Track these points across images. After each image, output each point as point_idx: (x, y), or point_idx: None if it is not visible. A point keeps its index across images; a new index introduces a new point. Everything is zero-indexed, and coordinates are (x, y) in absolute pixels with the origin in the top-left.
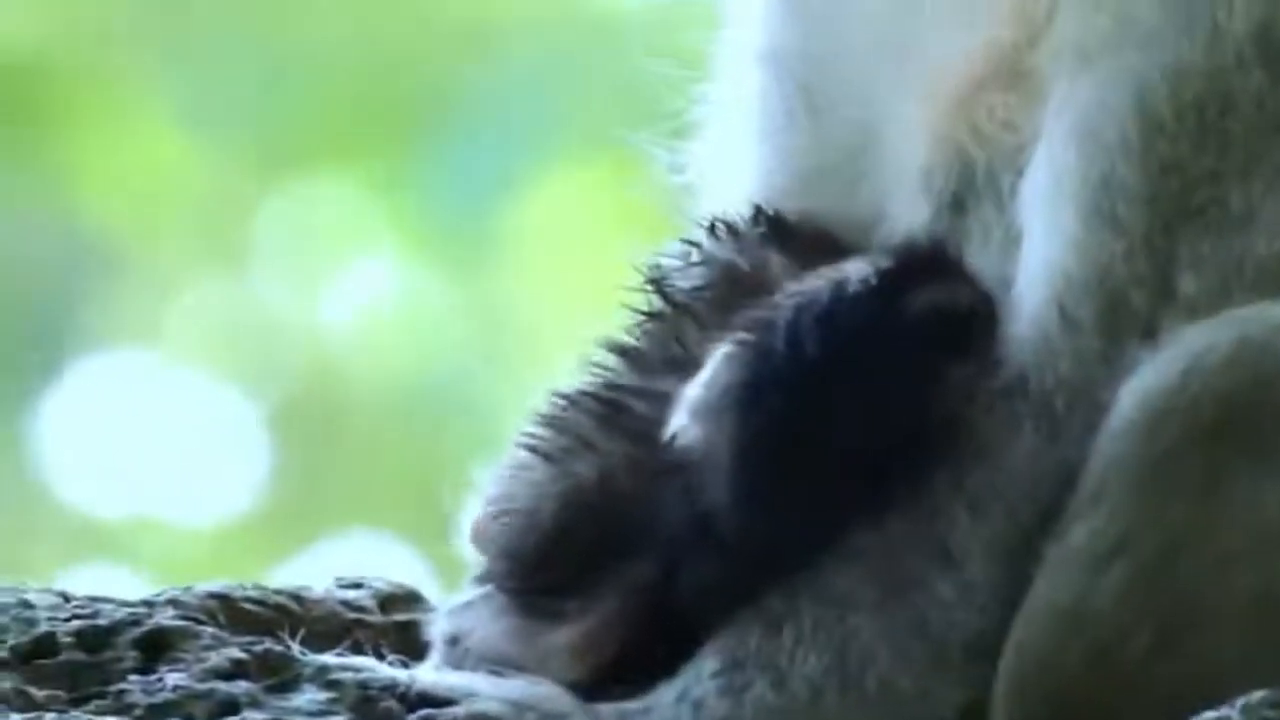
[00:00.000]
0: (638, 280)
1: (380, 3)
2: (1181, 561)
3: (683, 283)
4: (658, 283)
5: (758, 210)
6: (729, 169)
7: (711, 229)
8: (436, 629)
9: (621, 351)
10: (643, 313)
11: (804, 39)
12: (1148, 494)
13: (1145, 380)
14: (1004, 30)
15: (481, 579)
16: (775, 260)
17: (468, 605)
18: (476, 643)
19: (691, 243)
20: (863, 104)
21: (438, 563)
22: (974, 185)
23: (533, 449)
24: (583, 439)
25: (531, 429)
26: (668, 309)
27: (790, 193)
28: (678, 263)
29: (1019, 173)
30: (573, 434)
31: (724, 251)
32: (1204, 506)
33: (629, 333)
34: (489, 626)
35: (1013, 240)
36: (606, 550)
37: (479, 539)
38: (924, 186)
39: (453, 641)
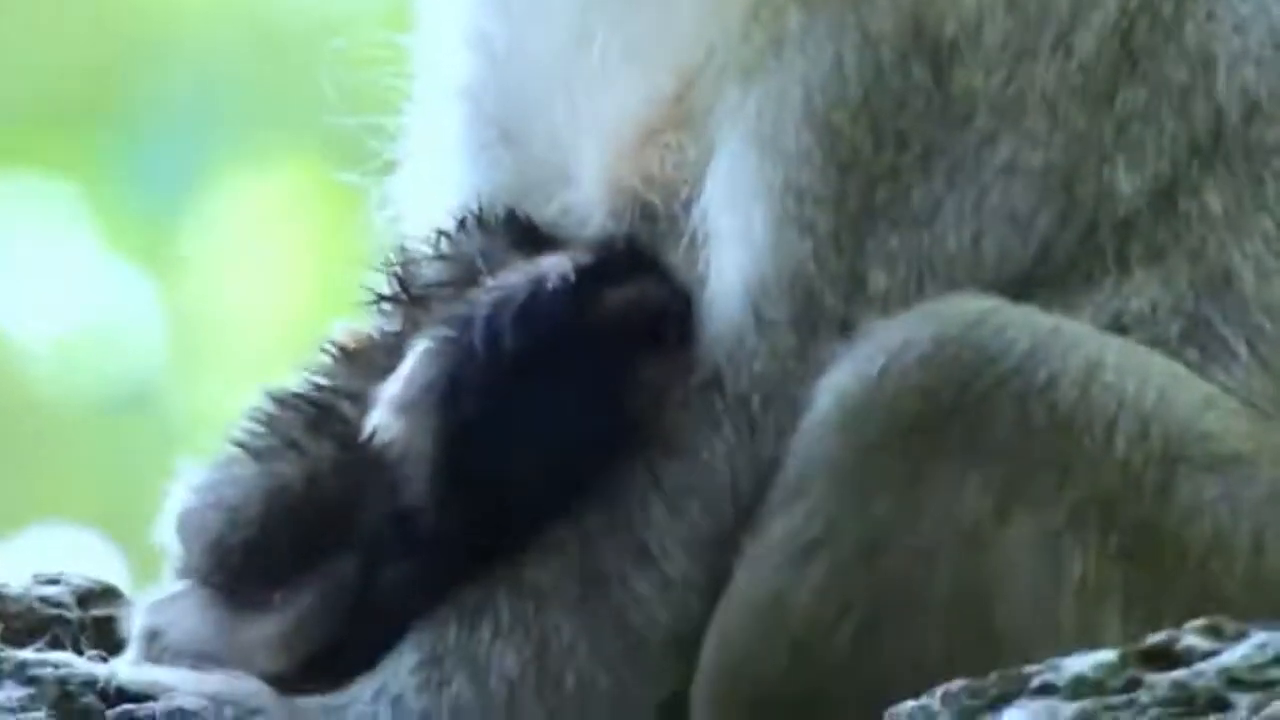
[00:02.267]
0: (380, 264)
1: (63, 7)
2: (883, 555)
3: (427, 273)
4: (400, 270)
5: (510, 211)
6: (435, 192)
7: (462, 223)
8: (135, 624)
9: (340, 351)
10: (380, 297)
11: (494, 79)
12: (848, 489)
13: (843, 377)
14: (667, 79)
15: (183, 573)
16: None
17: (167, 600)
18: (178, 637)
19: (442, 233)
20: (550, 144)
21: (133, 557)
22: (655, 224)
23: (242, 445)
24: (290, 439)
25: (243, 425)
26: (404, 298)
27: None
28: (425, 251)
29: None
30: (281, 434)
31: (469, 246)
32: (905, 501)
33: (351, 330)
34: (190, 621)
35: (698, 248)
36: (311, 546)
37: (183, 529)
38: (609, 223)
39: (152, 637)
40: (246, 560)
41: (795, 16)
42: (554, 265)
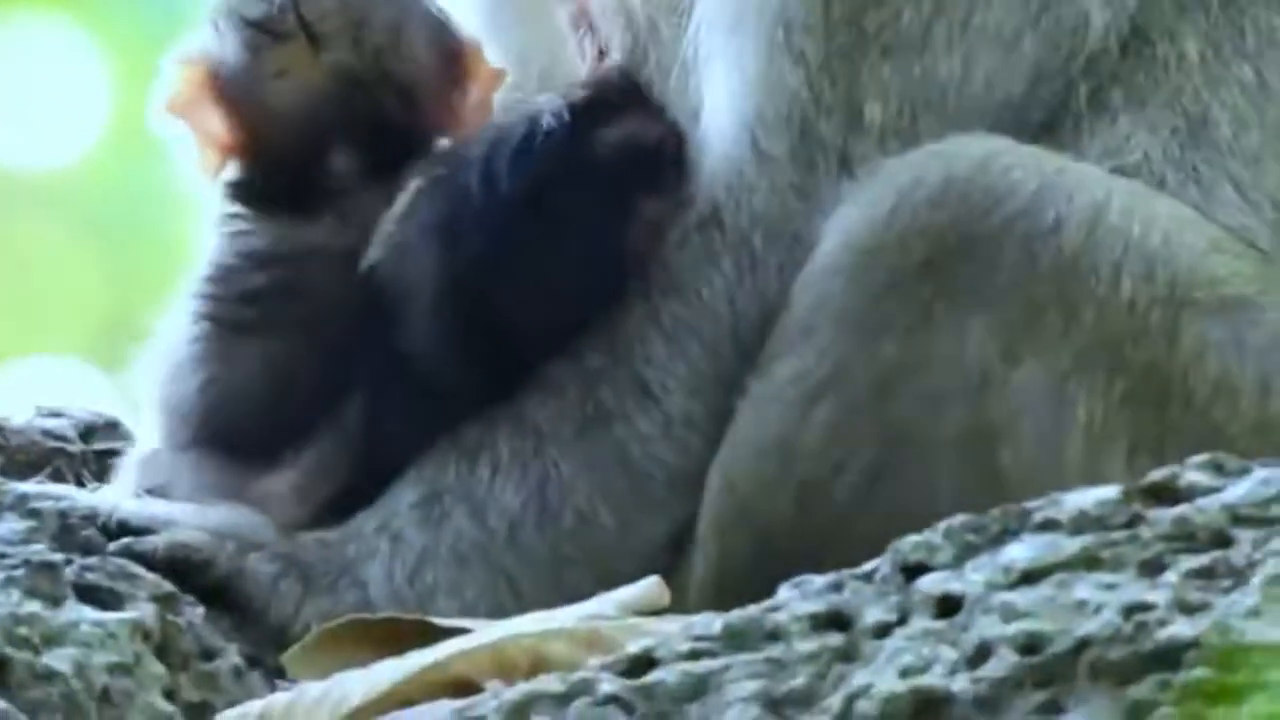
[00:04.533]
0: None
1: None
2: (891, 397)
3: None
4: None
5: None
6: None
7: None
8: (128, 478)
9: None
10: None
11: None
12: (857, 331)
13: (851, 217)
14: None
15: (178, 445)
16: None
17: (162, 458)
18: (179, 496)
19: None
20: None
21: (122, 387)
22: (654, 49)
23: (214, 319)
24: (263, 310)
25: (202, 298)
26: None
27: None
28: None
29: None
30: (251, 302)
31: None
32: (913, 343)
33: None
34: (190, 479)
35: (690, 74)
36: (316, 402)
37: (175, 409)
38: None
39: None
40: (252, 430)
41: None
42: (549, 103)
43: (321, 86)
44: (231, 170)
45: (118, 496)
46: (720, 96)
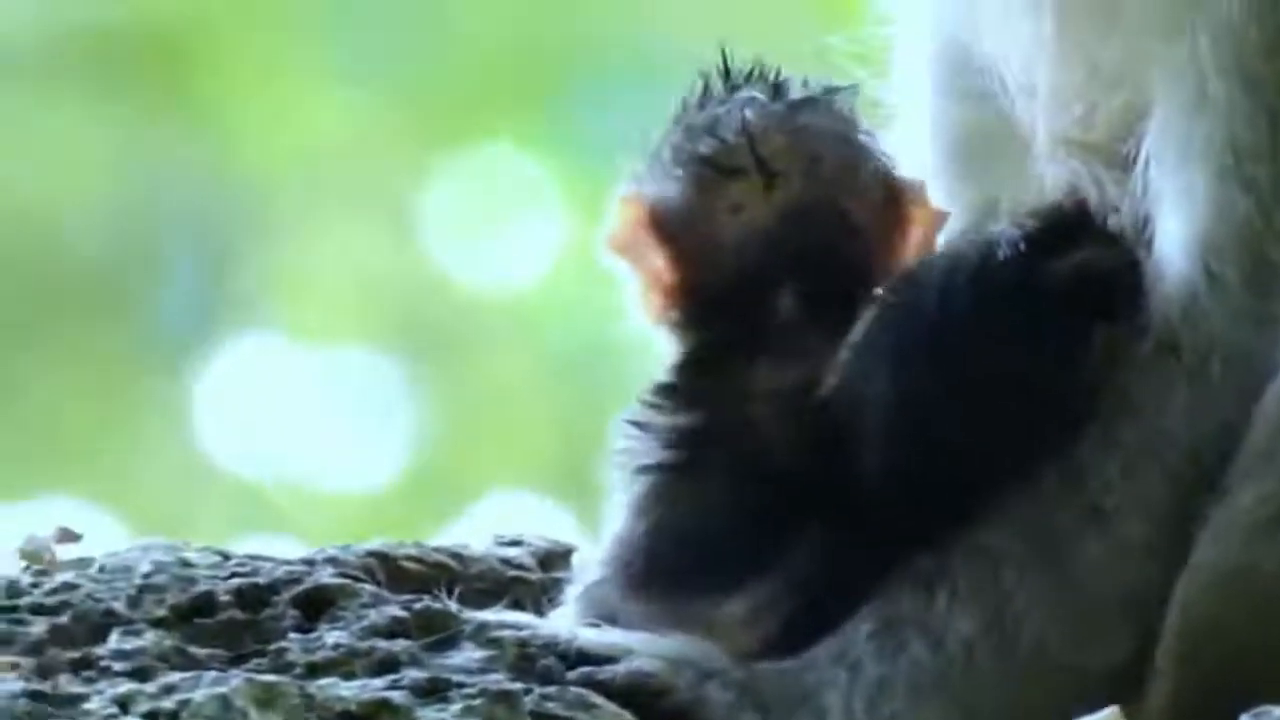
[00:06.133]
0: None
1: None
2: None
3: None
4: None
5: None
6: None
7: None
8: (573, 608)
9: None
10: None
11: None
12: None
13: None
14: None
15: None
16: None
17: (601, 587)
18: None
19: None
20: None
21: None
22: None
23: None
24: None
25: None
26: None
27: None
28: None
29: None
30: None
31: None
32: None
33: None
34: (638, 611)
35: (1142, 207)
36: (765, 536)
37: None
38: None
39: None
40: (699, 567)
41: None
42: (1004, 231)
43: (773, 224)
44: (675, 310)
45: (576, 625)
46: (1171, 226)
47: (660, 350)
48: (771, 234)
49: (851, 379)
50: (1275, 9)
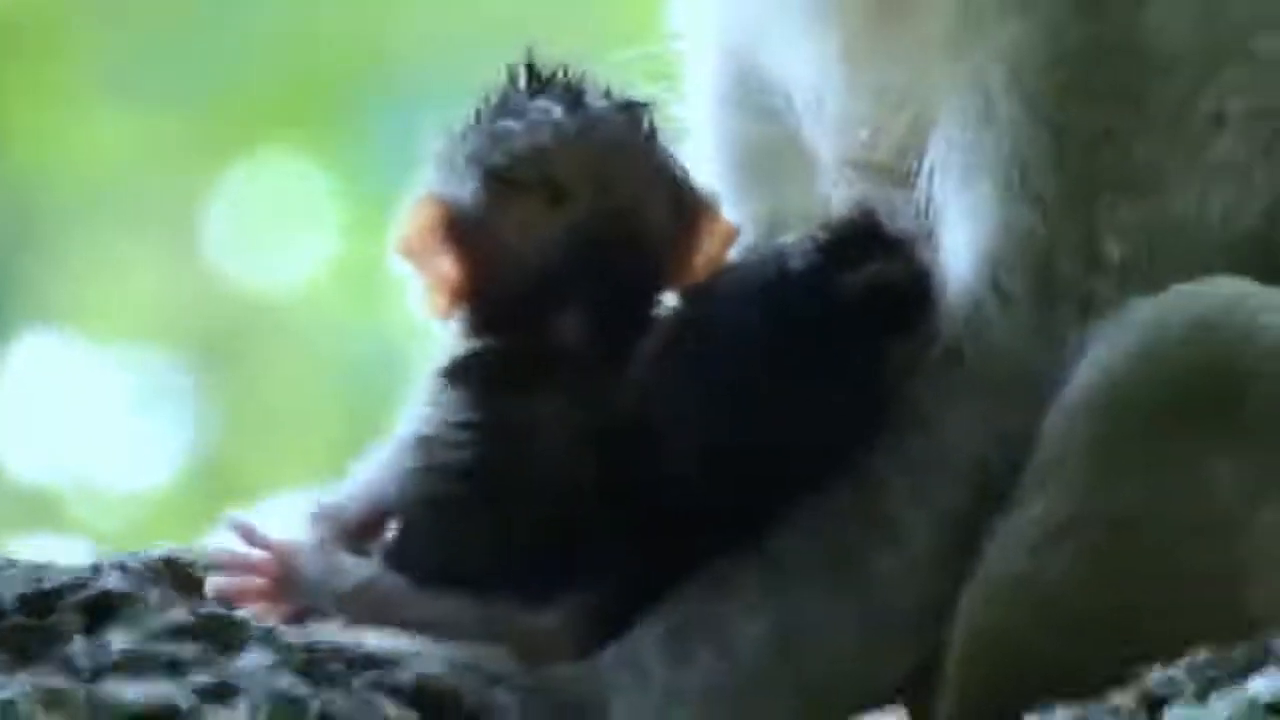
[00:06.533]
0: None
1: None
2: (1136, 537)
3: None
4: None
5: None
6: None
7: None
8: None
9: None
10: None
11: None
12: (1104, 471)
13: (1100, 357)
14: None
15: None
16: None
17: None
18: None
19: None
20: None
21: None
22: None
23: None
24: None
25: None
26: None
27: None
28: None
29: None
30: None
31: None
32: (1157, 486)
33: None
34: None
35: (929, 218)
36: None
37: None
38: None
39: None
40: (490, 584)
41: None
42: (796, 245)
43: (560, 241)
44: (460, 313)
45: (362, 632)
46: (957, 239)
47: (437, 349)
48: (558, 251)
49: (644, 391)
50: (1054, 28)
